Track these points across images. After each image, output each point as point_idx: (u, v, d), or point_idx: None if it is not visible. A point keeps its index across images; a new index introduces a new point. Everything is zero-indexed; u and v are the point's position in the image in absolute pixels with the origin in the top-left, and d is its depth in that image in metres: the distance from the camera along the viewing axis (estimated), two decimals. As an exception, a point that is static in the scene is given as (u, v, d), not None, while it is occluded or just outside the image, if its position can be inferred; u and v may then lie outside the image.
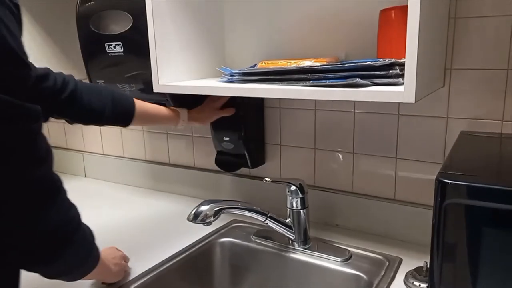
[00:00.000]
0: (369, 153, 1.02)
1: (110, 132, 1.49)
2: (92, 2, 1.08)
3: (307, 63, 0.87)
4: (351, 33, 0.95)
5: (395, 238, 0.99)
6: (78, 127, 1.57)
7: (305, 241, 0.97)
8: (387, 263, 0.89)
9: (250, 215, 0.92)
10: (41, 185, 0.59)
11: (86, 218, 0.69)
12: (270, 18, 1.04)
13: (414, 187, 0.97)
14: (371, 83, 0.74)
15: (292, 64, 0.88)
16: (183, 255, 0.98)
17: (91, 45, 1.09)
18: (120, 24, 1.03)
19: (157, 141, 1.39)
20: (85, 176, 1.60)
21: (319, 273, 0.92)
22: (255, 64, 0.94)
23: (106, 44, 1.05)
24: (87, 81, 1.16)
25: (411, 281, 0.81)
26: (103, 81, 1.12)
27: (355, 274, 0.88)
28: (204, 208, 0.86)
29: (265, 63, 0.93)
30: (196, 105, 1.09)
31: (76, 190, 1.44)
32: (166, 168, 1.37)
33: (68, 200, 0.64)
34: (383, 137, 0.99)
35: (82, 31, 1.09)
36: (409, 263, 0.88)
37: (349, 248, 0.96)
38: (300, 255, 0.96)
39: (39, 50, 1.30)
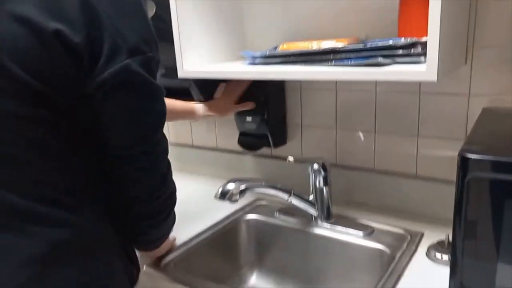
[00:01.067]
0: (391, 131, 1.03)
1: (134, 116, 1.54)
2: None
3: (329, 44, 0.88)
4: (372, 13, 0.95)
5: (417, 214, 1.02)
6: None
7: (328, 217, 1.01)
8: (409, 237, 0.92)
9: (274, 193, 0.95)
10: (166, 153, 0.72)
11: None
12: (287, 4, 1.05)
13: (436, 164, 0.99)
14: (393, 62, 0.75)
15: (314, 45, 0.90)
16: (210, 232, 1.02)
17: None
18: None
19: (180, 124, 1.42)
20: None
21: (342, 247, 0.96)
22: (276, 47, 0.96)
23: (130, 30, 1.08)
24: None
25: (433, 253, 0.84)
26: (128, 66, 1.15)
27: (378, 248, 0.91)
28: (230, 186, 0.90)
29: (286, 45, 0.94)
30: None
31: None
32: (189, 150, 1.41)
33: None
34: (405, 115, 1.00)
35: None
36: (430, 237, 0.91)
37: (372, 224, 0.99)
38: (324, 231, 0.99)
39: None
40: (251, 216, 1.09)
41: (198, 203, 1.18)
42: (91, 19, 0.57)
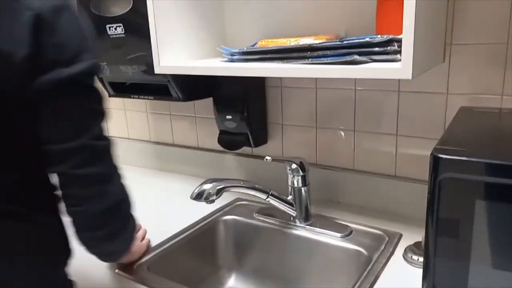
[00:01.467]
0: (370, 130, 1.02)
1: (115, 114, 1.51)
2: (92, -17, 1.08)
3: (307, 41, 0.87)
4: (351, 10, 0.94)
5: (396, 214, 1.01)
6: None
7: (307, 217, 0.99)
8: (387, 238, 0.91)
9: (252, 193, 0.93)
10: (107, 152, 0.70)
11: None
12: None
13: (415, 163, 0.98)
14: (370, 60, 0.74)
15: (292, 42, 0.88)
16: (187, 233, 1.00)
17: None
18: (121, 5, 1.03)
19: (161, 122, 1.40)
20: (92, 158, 1.63)
21: (320, 248, 0.94)
22: (255, 43, 0.95)
23: (107, 26, 1.05)
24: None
25: (410, 255, 0.83)
26: (105, 63, 1.13)
27: (355, 249, 0.90)
28: (206, 186, 0.88)
29: (265, 41, 0.93)
30: (205, 92, 1.10)
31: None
32: (170, 149, 1.39)
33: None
34: (384, 114, 0.99)
35: (83, 13, 1.09)
36: (409, 238, 0.90)
37: (350, 224, 0.97)
38: (302, 232, 0.98)
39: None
40: (229, 217, 1.08)
41: (176, 203, 1.16)
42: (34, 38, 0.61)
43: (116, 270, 0.85)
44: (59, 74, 0.63)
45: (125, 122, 1.49)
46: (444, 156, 0.55)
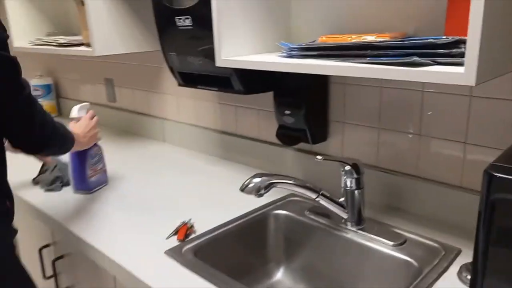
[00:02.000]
0: (437, 135, 0.95)
1: (186, 101, 1.57)
2: (167, -24, 1.12)
3: (369, 38, 0.82)
4: (422, 7, 0.88)
5: (457, 228, 0.93)
6: (160, 96, 1.68)
7: (359, 221, 0.96)
8: (443, 252, 0.85)
9: (302, 192, 0.92)
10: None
11: (162, 178, 0.97)
12: (337, -11, 1.00)
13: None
14: (432, 62, 0.68)
15: (353, 39, 0.85)
16: (237, 222, 1.02)
17: (163, 19, 1.15)
18: (190, -2, 1.06)
19: (226, 112, 1.43)
20: (164, 141, 1.72)
21: (369, 255, 0.91)
22: (315, 40, 0.92)
23: (176, 18, 1.10)
24: (160, 54, 1.24)
25: (465, 274, 0.76)
26: (175, 53, 1.17)
27: (406, 260, 0.85)
28: (256, 180, 0.89)
29: (325, 37, 0.90)
30: (266, 85, 1.10)
31: (156, 154, 1.56)
32: (233, 139, 1.42)
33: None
34: (453, 119, 0.92)
35: (156, 5, 1.15)
36: (467, 255, 0.83)
37: (406, 233, 0.92)
38: (352, 235, 0.95)
39: (126, 25, 1.41)
40: (281, 212, 1.08)
41: (231, 192, 1.19)
42: None
43: (164, 251, 0.89)
44: None
45: (195, 110, 1.55)
46: (498, 175, 0.50)
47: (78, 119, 1.19)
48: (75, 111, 1.22)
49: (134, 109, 1.83)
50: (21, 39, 1.70)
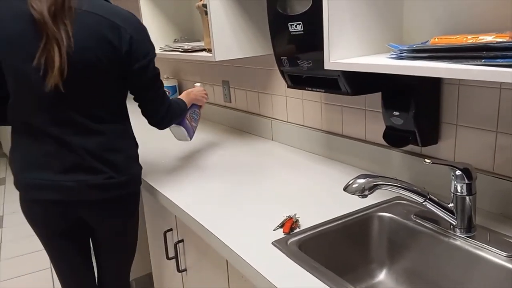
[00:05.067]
0: None
1: (294, 102, 1.64)
2: (281, -16, 1.20)
3: (487, 38, 0.79)
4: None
5: None
6: (270, 97, 1.77)
7: (469, 229, 0.92)
8: None
9: (408, 195, 0.92)
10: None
11: (270, 173, 1.06)
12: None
13: None
14: (558, 64, 0.64)
15: (469, 40, 0.82)
16: (342, 221, 1.05)
17: (277, 25, 1.22)
18: (302, 4, 1.12)
19: (332, 112, 1.46)
20: (272, 139, 1.81)
21: (478, 264, 0.87)
22: (427, 41, 0.91)
23: (289, 23, 1.16)
24: (271, 57, 1.32)
25: None
26: (286, 57, 1.24)
27: (521, 273, 0.80)
28: (361, 181, 0.91)
29: (437, 38, 0.88)
30: (373, 87, 1.12)
31: (264, 151, 1.66)
32: (339, 139, 1.45)
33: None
34: None
35: (270, 12, 1.23)
36: None
37: (523, 246, 0.86)
38: (461, 242, 0.92)
39: (242, 32, 1.52)
40: (386, 214, 1.08)
41: (335, 190, 1.22)
42: None
43: (271, 242, 0.97)
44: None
45: (302, 110, 1.61)
46: None
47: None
48: (197, 84, 1.70)
49: (247, 109, 1.96)
50: (153, 46, 1.94)
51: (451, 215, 0.93)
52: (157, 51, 1.93)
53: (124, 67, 1.16)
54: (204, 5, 1.46)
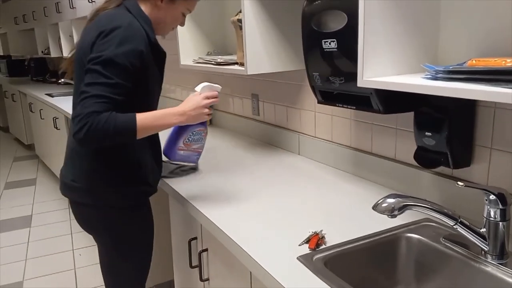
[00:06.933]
0: None
1: (323, 117, 1.64)
2: (317, 2, 1.21)
3: (527, 62, 0.78)
4: None
5: None
6: (299, 111, 1.78)
7: (501, 255, 0.89)
8: None
9: (439, 217, 0.90)
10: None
11: (295, 187, 1.06)
12: (488, 12, 0.96)
13: None
14: None
15: (508, 63, 0.81)
16: (370, 239, 1.04)
17: (310, 41, 1.23)
18: (337, 22, 1.13)
19: (362, 130, 1.46)
20: (299, 154, 1.82)
21: (511, 293, 0.84)
22: (464, 62, 0.90)
23: (322, 40, 1.17)
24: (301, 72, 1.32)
25: None
26: (318, 73, 1.25)
27: (557, 306, 0.77)
28: (390, 200, 0.90)
29: (475, 60, 0.88)
30: (406, 106, 1.11)
31: (291, 165, 1.66)
32: (367, 157, 1.43)
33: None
34: None
35: (305, 29, 1.25)
36: None
37: (560, 277, 0.83)
38: (493, 270, 0.89)
39: (274, 47, 1.55)
40: (414, 235, 1.06)
41: (363, 209, 1.21)
42: None
43: (297, 257, 0.96)
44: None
45: (331, 126, 1.61)
46: None
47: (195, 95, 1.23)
48: (198, 87, 1.26)
49: (275, 123, 1.97)
50: (187, 58, 1.99)
51: (483, 240, 0.91)
52: (190, 62, 1.97)
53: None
54: (239, 20, 1.49)
